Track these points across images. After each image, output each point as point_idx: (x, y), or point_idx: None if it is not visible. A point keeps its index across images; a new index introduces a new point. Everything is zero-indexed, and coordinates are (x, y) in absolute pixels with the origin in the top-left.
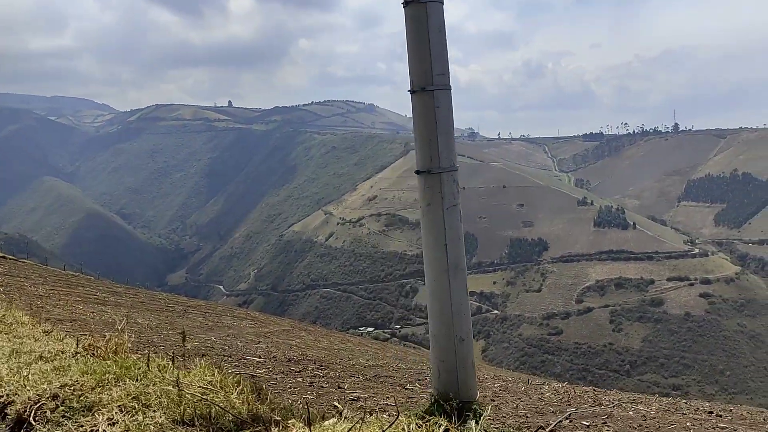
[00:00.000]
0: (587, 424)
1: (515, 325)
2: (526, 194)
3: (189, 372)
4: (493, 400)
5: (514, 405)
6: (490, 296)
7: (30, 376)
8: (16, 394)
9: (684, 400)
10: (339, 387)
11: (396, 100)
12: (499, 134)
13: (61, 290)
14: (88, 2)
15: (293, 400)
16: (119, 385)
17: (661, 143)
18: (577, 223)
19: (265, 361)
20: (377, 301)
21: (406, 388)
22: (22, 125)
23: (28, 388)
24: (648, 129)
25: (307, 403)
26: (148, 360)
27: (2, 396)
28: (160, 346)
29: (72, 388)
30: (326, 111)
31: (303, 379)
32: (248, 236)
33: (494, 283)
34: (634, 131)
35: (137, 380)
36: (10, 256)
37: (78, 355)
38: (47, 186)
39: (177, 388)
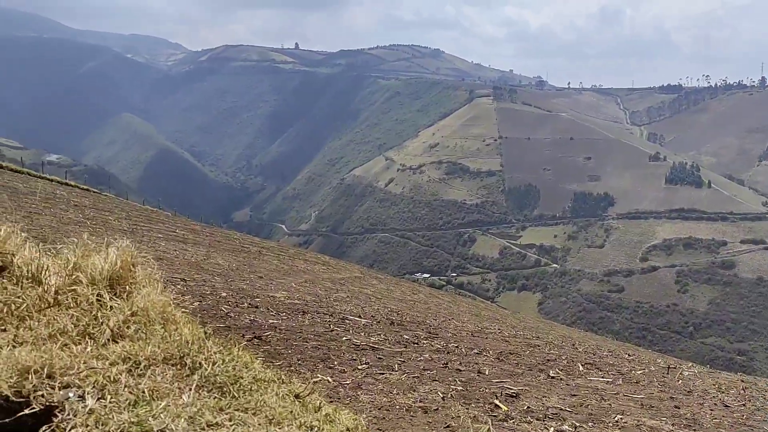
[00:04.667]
0: None
1: (574, 280)
2: (594, 147)
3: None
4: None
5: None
6: (549, 249)
7: None
8: None
9: None
10: (479, 372)
11: (463, 45)
12: (568, 84)
13: (143, 226)
14: None
15: (448, 393)
16: None
17: (745, 98)
18: (647, 179)
19: (368, 324)
20: (434, 248)
21: (552, 377)
22: (101, 62)
23: None
24: (732, 82)
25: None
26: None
27: None
28: (257, 298)
29: None
30: (391, 55)
31: (430, 357)
32: (310, 178)
33: (555, 236)
34: (716, 84)
35: None
36: (94, 189)
37: None
38: (124, 122)
39: None
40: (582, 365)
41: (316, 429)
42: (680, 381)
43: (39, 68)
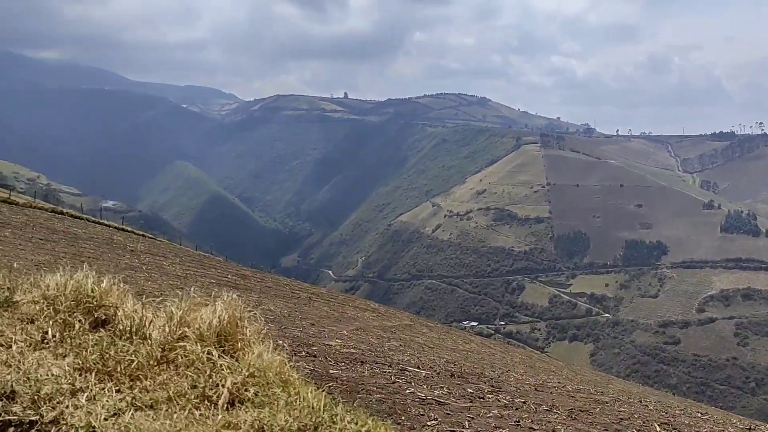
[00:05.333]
0: None
1: (627, 330)
2: (645, 194)
3: None
4: None
5: None
6: (601, 298)
7: None
8: None
9: None
10: None
11: (509, 93)
12: (617, 131)
13: (196, 271)
14: None
15: None
16: None
17: None
18: (702, 227)
19: (429, 376)
20: (482, 296)
21: None
22: (158, 112)
23: None
24: None
25: None
26: None
27: None
28: (313, 347)
29: None
30: (438, 104)
31: (499, 413)
32: (357, 224)
33: (606, 285)
34: None
35: None
36: (148, 234)
37: None
38: (178, 169)
39: None
40: (658, 425)
41: None
42: None
43: (100, 118)
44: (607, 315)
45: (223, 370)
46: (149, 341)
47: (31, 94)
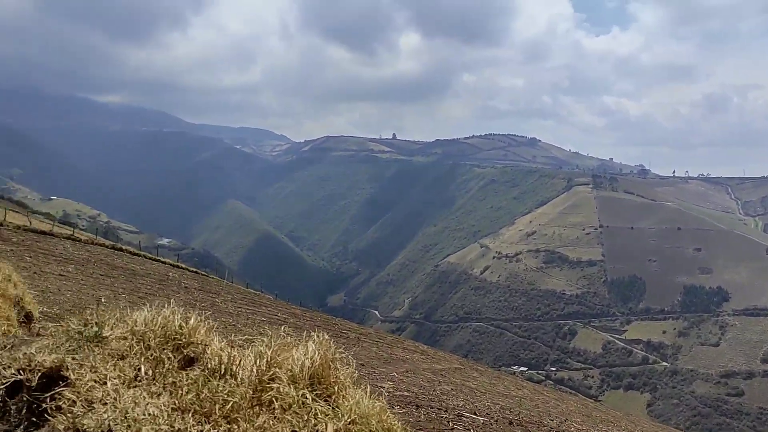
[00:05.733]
0: None
1: (687, 380)
2: (704, 238)
3: None
4: None
5: None
6: (658, 346)
7: None
8: None
9: None
10: None
11: (560, 133)
12: (673, 172)
13: (247, 308)
14: (274, 42)
15: None
16: None
17: None
18: (766, 273)
19: (487, 423)
20: (532, 340)
21: None
22: (214, 153)
23: None
24: None
25: None
26: None
27: None
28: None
29: None
30: (487, 144)
31: None
32: (405, 264)
33: (663, 332)
34: None
35: None
36: (202, 272)
37: None
38: (230, 208)
39: None
40: None
41: None
42: None
43: (158, 159)
44: (665, 363)
45: (321, 415)
46: (240, 382)
47: (96, 135)
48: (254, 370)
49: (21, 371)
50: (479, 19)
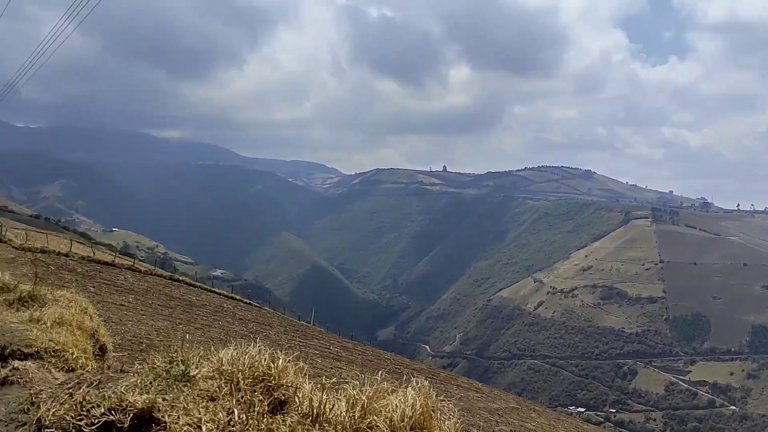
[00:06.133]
0: None
1: (758, 425)
2: None
3: None
4: None
5: None
6: (725, 388)
7: None
8: None
9: None
10: None
11: (616, 166)
12: (738, 205)
13: (300, 341)
14: (325, 76)
15: None
16: None
17: None
18: None
19: None
20: (589, 379)
21: None
22: (267, 186)
23: None
24: None
25: None
26: None
27: None
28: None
29: None
30: (540, 177)
31: None
32: (456, 298)
33: (731, 374)
34: None
35: None
36: (255, 303)
37: None
38: (282, 240)
39: None
40: None
41: None
42: None
43: (214, 192)
44: (733, 407)
45: None
46: (335, 429)
47: (155, 169)
48: (348, 417)
49: (111, 411)
50: (530, 51)
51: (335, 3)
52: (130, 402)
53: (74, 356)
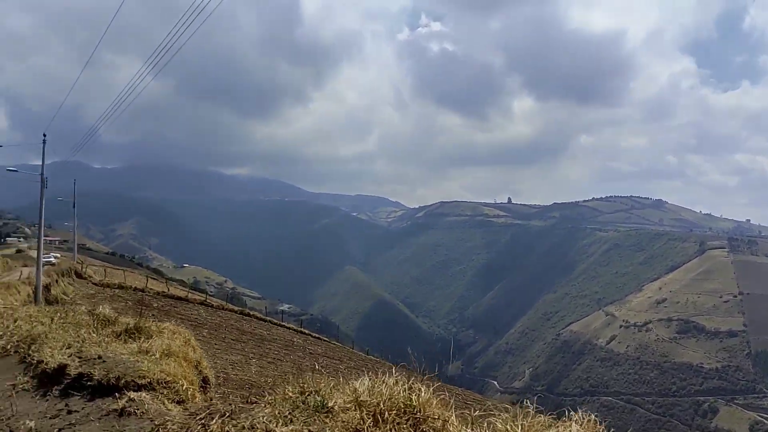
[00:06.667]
0: None
1: None
2: None
3: None
4: None
5: None
6: None
7: None
8: None
9: None
10: None
11: (688, 195)
12: None
13: (371, 377)
14: (388, 111)
15: None
16: None
17: None
18: None
19: None
20: (667, 417)
21: None
22: (332, 220)
23: None
24: None
25: None
26: None
27: None
28: None
29: None
30: (608, 207)
31: None
32: (524, 332)
33: None
34: None
35: None
36: (324, 338)
37: None
38: (347, 274)
39: None
40: None
41: None
42: None
43: (280, 227)
44: None
45: None
46: None
47: (224, 206)
48: None
49: None
50: (594, 80)
51: (397, 39)
52: None
53: (184, 387)
